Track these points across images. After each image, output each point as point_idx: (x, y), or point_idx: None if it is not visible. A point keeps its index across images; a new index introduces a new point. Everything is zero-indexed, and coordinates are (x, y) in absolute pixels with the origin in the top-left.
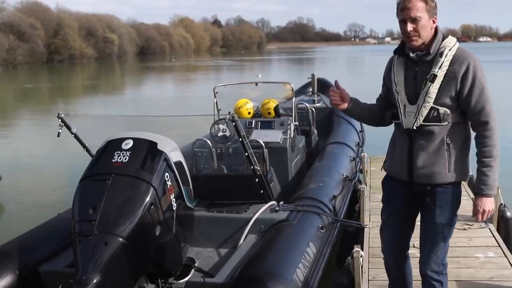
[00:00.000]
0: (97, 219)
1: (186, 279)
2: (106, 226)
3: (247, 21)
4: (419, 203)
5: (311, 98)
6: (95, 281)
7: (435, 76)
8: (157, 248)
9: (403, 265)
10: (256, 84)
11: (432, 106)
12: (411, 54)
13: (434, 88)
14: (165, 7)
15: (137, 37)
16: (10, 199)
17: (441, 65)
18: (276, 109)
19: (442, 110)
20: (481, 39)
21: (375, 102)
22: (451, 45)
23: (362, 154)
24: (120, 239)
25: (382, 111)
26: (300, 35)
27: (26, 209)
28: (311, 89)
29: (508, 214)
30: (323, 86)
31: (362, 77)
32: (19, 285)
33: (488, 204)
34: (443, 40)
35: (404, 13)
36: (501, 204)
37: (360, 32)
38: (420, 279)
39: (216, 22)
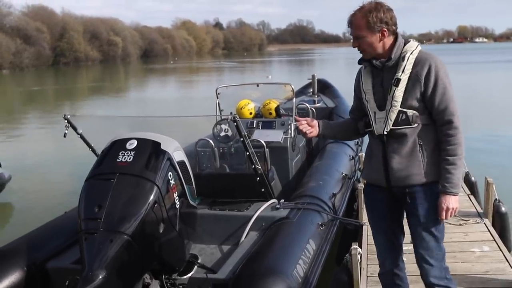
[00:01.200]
0: (102, 217)
1: (189, 275)
2: (111, 224)
3: (248, 23)
4: (402, 206)
5: (312, 98)
6: (100, 277)
7: (399, 80)
8: (161, 245)
9: (401, 275)
10: (257, 85)
11: (400, 110)
12: (374, 62)
13: (399, 92)
14: (167, 10)
15: (140, 40)
16: (19, 198)
17: (404, 68)
18: (277, 109)
19: (410, 112)
20: (477, 39)
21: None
22: (412, 49)
23: (361, 153)
24: (125, 237)
25: (356, 123)
26: (300, 37)
27: (34, 207)
28: (311, 90)
29: (503, 209)
30: (323, 87)
31: None
32: (27, 281)
33: (452, 202)
34: (405, 44)
35: (351, 31)
36: (496, 199)
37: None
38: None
39: (217, 25)
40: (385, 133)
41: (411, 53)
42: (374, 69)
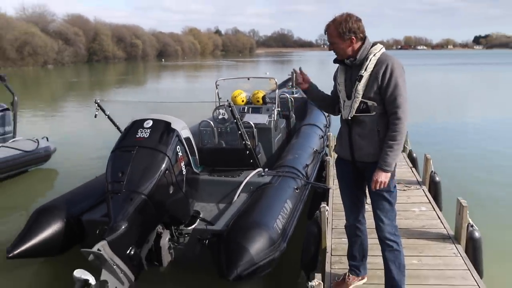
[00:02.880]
0: (124, 180)
1: (193, 226)
2: (131, 186)
3: (242, 31)
4: (364, 177)
5: (291, 90)
6: (123, 227)
7: (361, 76)
8: (171, 203)
9: (361, 228)
10: (248, 79)
11: (361, 100)
12: (346, 61)
13: (361, 86)
14: (178, 20)
15: (156, 43)
16: (61, 165)
17: (366, 67)
18: (263, 98)
19: (370, 103)
20: (419, 47)
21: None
22: (376, 51)
23: (328, 133)
24: (142, 196)
25: (334, 104)
26: (282, 42)
27: (72, 172)
28: (291, 83)
29: (437, 178)
30: None
31: (329, 74)
32: (66, 230)
33: (382, 177)
34: (372, 46)
35: (327, 38)
36: (432, 171)
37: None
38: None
39: (217, 32)
40: (349, 118)
41: (374, 55)
42: (347, 66)
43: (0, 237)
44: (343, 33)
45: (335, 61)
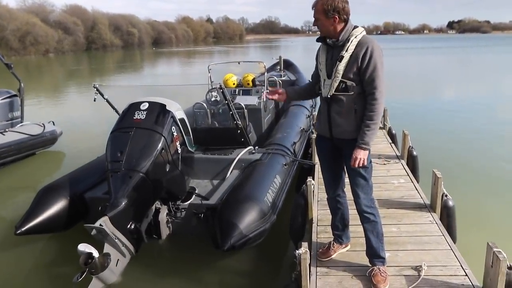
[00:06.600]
0: (123, 160)
1: (189, 201)
2: (130, 165)
3: (232, 19)
4: (341, 153)
5: (279, 73)
6: (123, 203)
7: (342, 57)
8: (167, 180)
9: (341, 201)
10: (239, 63)
11: (341, 80)
12: (328, 41)
13: (341, 66)
14: (172, 9)
15: (151, 31)
16: (67, 147)
17: (348, 48)
18: (253, 81)
19: (349, 83)
20: (397, 32)
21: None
22: (357, 34)
23: (314, 113)
24: (141, 174)
25: (314, 86)
26: (270, 29)
27: (76, 153)
28: (278, 67)
29: (414, 153)
30: (287, 65)
31: (311, 58)
32: (70, 206)
33: (361, 154)
34: (354, 29)
35: (313, 14)
36: (410, 146)
37: (312, 27)
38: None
39: (209, 20)
40: (329, 96)
41: (356, 37)
42: (328, 47)
43: (10, 215)
44: (328, 11)
45: (318, 39)
